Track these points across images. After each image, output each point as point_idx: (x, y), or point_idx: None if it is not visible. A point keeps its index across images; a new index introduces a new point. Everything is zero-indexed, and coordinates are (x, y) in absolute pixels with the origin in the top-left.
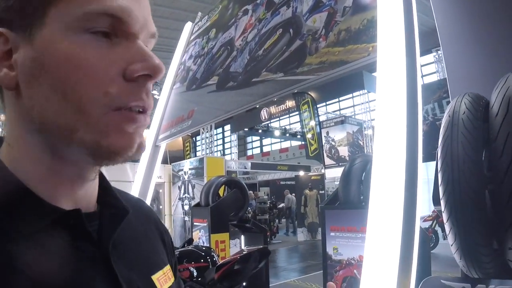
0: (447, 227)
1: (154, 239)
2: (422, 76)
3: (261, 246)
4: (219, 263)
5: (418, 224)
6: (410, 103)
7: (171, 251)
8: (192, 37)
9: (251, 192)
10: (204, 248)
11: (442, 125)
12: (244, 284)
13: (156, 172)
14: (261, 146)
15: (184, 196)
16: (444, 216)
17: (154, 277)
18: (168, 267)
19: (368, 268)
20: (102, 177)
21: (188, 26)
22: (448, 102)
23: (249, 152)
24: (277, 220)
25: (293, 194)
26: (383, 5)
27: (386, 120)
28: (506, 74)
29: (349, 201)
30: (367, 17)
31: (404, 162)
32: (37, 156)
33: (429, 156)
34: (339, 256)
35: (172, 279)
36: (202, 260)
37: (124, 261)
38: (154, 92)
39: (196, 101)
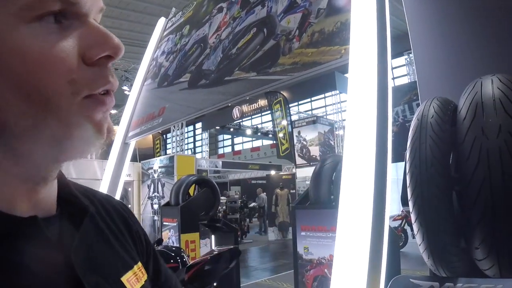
0: (415, 227)
1: (122, 237)
2: (394, 78)
3: (232, 246)
4: (189, 264)
5: (387, 224)
6: (380, 105)
7: (145, 244)
8: (165, 33)
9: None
10: (174, 249)
11: (411, 128)
12: (215, 284)
13: (125, 170)
14: (233, 144)
15: (153, 195)
16: (412, 217)
17: (124, 279)
18: (138, 265)
19: (338, 267)
20: (60, 175)
21: (162, 21)
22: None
23: (220, 151)
24: (248, 219)
25: (264, 193)
26: (356, 9)
27: (356, 121)
28: (474, 80)
29: (319, 201)
30: (340, 19)
31: (374, 162)
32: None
33: (399, 156)
34: (310, 256)
35: (144, 277)
36: (172, 261)
37: (89, 265)
38: (125, 87)
39: (168, 98)
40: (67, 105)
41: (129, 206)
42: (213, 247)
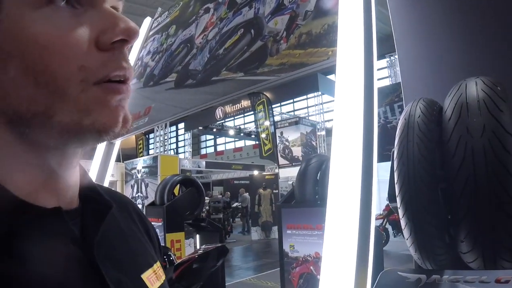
0: (402, 222)
1: (140, 235)
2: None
3: (219, 245)
4: (176, 263)
5: (373, 221)
6: (367, 106)
7: (158, 246)
8: (150, 33)
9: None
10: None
11: (398, 128)
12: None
13: (110, 170)
14: (215, 145)
15: (137, 195)
16: (400, 212)
17: (144, 276)
18: (158, 264)
19: (327, 264)
20: (83, 172)
21: (147, 21)
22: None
23: (203, 151)
24: (231, 219)
25: (247, 193)
26: (344, 11)
27: (343, 121)
28: (459, 82)
29: (305, 200)
30: (328, 22)
31: (361, 163)
32: (10, 151)
33: (380, 157)
34: (295, 253)
35: (163, 277)
36: None
37: (111, 261)
38: None
39: (154, 98)
40: (76, 92)
41: None
42: (198, 247)
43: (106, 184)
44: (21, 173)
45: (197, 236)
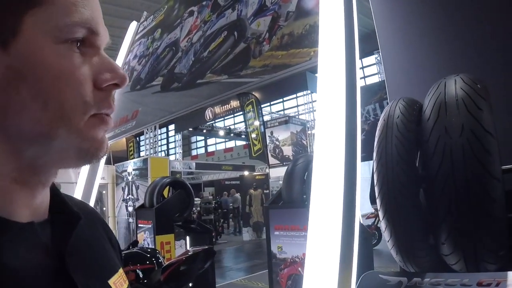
0: (383, 224)
1: (104, 242)
2: (364, 77)
3: (206, 247)
4: (165, 265)
5: (357, 222)
6: (349, 105)
7: (119, 252)
8: (137, 37)
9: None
10: (149, 250)
11: (378, 128)
12: (190, 284)
13: (99, 173)
14: (206, 146)
15: (128, 197)
16: (380, 214)
17: (111, 282)
18: (121, 271)
19: (310, 265)
20: (53, 183)
21: (133, 25)
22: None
23: (194, 152)
24: (222, 220)
25: (238, 193)
26: (325, 11)
27: (325, 121)
28: (439, 80)
29: (292, 201)
30: (309, 22)
31: (343, 161)
32: (1, 168)
33: (372, 155)
34: (283, 255)
35: (126, 284)
36: (147, 262)
37: (81, 268)
38: None
39: (141, 102)
40: (78, 121)
41: (104, 209)
42: (188, 248)
43: (96, 187)
44: (5, 190)
45: (187, 237)
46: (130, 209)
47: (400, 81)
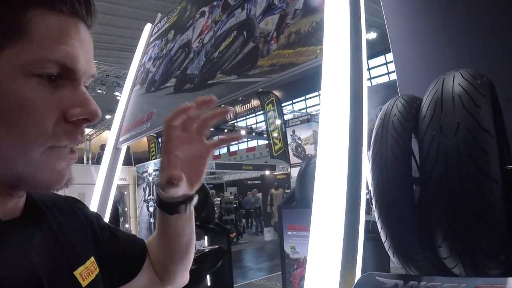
0: (378, 225)
1: (77, 233)
2: (388, 73)
3: (216, 246)
4: None
5: (362, 222)
6: (354, 104)
7: (99, 232)
8: (151, 39)
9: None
10: None
11: (374, 128)
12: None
13: (117, 174)
14: (228, 145)
15: (149, 197)
16: (376, 215)
17: (77, 273)
18: (91, 260)
19: (312, 265)
20: None
21: (148, 27)
22: None
23: (216, 152)
24: (244, 220)
25: (260, 193)
26: (330, 7)
27: (329, 120)
28: (439, 76)
29: (305, 201)
30: (316, 19)
31: (347, 161)
32: None
33: None
34: (296, 255)
35: (96, 271)
36: None
37: (46, 261)
38: (117, 93)
39: (155, 103)
40: (37, 151)
41: (126, 209)
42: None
43: (114, 187)
44: None
45: (205, 237)
46: (151, 209)
47: (411, 78)
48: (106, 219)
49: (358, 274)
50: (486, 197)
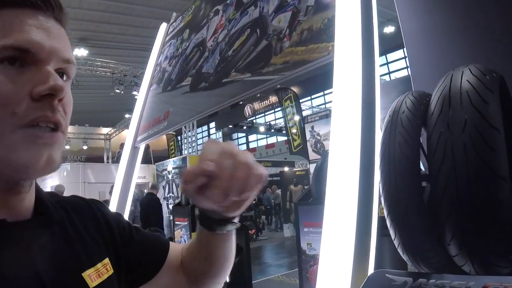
0: (387, 222)
1: (88, 236)
2: (408, 67)
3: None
4: None
5: (375, 219)
6: (366, 101)
7: (115, 233)
8: (167, 38)
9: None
10: None
11: (383, 125)
12: (227, 280)
13: (136, 173)
14: (247, 142)
15: (168, 195)
16: (385, 212)
17: (85, 274)
18: (104, 261)
19: (324, 262)
20: (38, 188)
21: (163, 27)
22: None
23: None
24: (263, 217)
25: (279, 190)
26: (341, 3)
27: (341, 117)
28: (448, 72)
29: (321, 197)
30: (327, 16)
31: (359, 159)
32: None
33: None
34: (312, 251)
35: (109, 273)
36: None
37: (51, 262)
38: (135, 93)
39: (172, 102)
40: (7, 132)
41: None
42: None
43: (133, 185)
44: None
45: None
46: (171, 206)
47: (424, 73)
48: (126, 216)
49: (371, 271)
50: (494, 195)
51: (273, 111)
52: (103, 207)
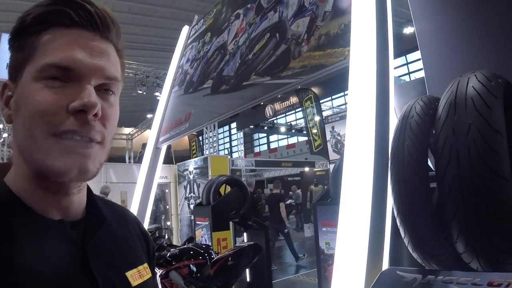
0: (398, 222)
1: (133, 242)
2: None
3: (252, 242)
4: (214, 259)
5: (389, 218)
6: (381, 103)
7: (151, 254)
8: (189, 41)
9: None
10: (203, 246)
11: (394, 129)
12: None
13: (158, 173)
14: (268, 142)
15: (190, 195)
16: (395, 212)
17: (128, 274)
18: (144, 265)
19: (339, 260)
20: (89, 191)
21: (185, 30)
22: None
23: (257, 149)
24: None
25: (300, 190)
26: (357, 9)
27: (356, 119)
28: (456, 78)
29: (339, 197)
30: (344, 21)
31: (373, 160)
32: (26, 174)
33: None
34: (331, 251)
35: (148, 275)
36: (200, 257)
37: (102, 260)
38: (157, 94)
39: (193, 104)
40: (41, 139)
41: (167, 207)
42: (237, 244)
43: (155, 185)
44: (35, 193)
45: (245, 234)
46: (192, 207)
47: (438, 76)
48: (148, 215)
49: (385, 268)
50: (497, 195)
51: (294, 111)
52: (139, 221)
